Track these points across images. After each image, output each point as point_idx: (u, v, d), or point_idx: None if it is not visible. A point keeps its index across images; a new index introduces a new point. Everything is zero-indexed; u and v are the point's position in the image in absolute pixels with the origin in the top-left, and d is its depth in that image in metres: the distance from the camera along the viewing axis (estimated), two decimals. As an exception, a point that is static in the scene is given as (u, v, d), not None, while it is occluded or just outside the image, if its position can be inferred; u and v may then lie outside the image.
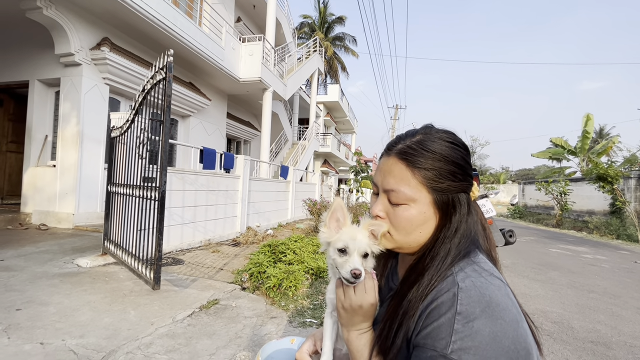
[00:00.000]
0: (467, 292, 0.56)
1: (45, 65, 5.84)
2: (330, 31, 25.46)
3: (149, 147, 3.01)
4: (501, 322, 0.53)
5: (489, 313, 0.53)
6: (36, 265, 3.35)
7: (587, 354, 2.30)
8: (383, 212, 0.69)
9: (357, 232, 0.70)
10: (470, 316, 0.53)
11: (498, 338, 0.51)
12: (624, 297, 3.74)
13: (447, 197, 0.65)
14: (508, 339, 0.52)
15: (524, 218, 17.54)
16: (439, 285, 0.59)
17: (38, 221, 5.62)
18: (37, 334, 2.00)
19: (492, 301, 0.55)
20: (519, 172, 52.98)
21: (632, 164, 14.79)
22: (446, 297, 0.57)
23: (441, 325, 0.54)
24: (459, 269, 0.60)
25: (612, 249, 8.00)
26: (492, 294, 0.56)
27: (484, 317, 0.53)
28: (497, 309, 0.54)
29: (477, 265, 0.61)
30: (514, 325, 0.54)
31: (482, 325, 0.52)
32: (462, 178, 0.66)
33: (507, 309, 0.55)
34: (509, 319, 0.54)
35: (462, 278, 0.58)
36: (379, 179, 0.70)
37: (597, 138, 29.99)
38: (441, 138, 0.67)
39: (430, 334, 0.55)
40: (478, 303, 0.54)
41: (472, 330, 0.52)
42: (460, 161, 0.66)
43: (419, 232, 0.66)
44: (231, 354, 1.95)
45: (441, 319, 0.55)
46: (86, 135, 5.63)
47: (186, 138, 8.55)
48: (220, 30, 8.21)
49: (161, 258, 2.80)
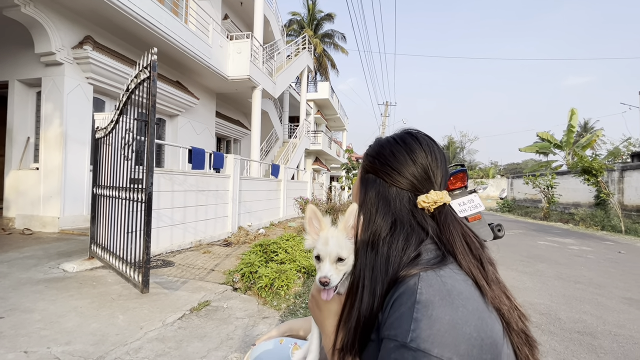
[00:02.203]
0: (427, 281, 0.55)
1: (25, 65, 5.66)
2: (319, 28, 25.34)
3: (134, 147, 2.95)
4: (462, 310, 0.52)
5: (449, 301, 0.53)
6: (20, 272, 3.26)
7: (574, 344, 2.35)
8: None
9: (331, 236, 0.69)
10: (429, 304, 0.53)
11: (458, 325, 0.51)
12: (609, 287, 3.84)
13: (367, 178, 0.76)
14: (469, 326, 0.51)
15: (512, 211, 17.87)
16: (402, 275, 0.59)
17: (22, 225, 5.46)
18: (21, 342, 1.95)
19: (454, 290, 0.55)
20: (508, 166, 53.90)
21: (615, 156, 15.21)
22: (407, 287, 0.57)
23: (402, 315, 0.54)
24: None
25: (598, 240, 8.21)
26: (454, 282, 0.56)
27: (444, 305, 0.52)
28: (458, 297, 0.54)
29: (442, 264, 0.60)
30: (477, 314, 0.53)
31: (441, 313, 0.52)
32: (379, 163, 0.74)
33: (470, 298, 0.55)
34: (471, 308, 0.53)
35: (424, 269, 0.58)
36: None
37: (582, 132, 30.69)
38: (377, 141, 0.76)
39: (392, 324, 0.55)
40: (438, 292, 0.54)
41: (431, 318, 0.51)
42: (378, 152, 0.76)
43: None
44: (223, 356, 1.93)
45: (401, 308, 0.55)
46: (70, 136, 5.49)
47: (174, 138, 8.43)
48: (207, 27, 8.08)
49: (149, 261, 2.76)
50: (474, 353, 0.51)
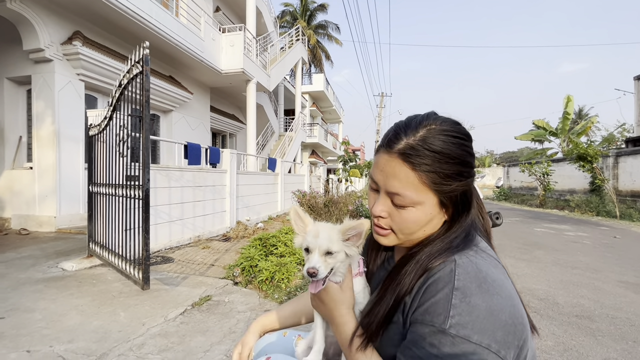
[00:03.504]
0: (464, 268, 0.56)
1: (14, 63, 5.55)
2: (313, 19, 25.02)
3: (129, 144, 2.91)
4: (497, 298, 0.54)
5: (486, 288, 0.54)
6: (18, 272, 3.24)
7: (572, 327, 2.39)
8: (385, 212, 0.66)
9: (322, 230, 0.70)
10: (468, 291, 0.54)
11: (495, 313, 0.52)
12: (605, 272, 3.90)
13: (453, 196, 0.63)
14: (505, 313, 0.53)
15: (509, 200, 18.01)
16: (437, 263, 0.60)
17: (18, 226, 5.42)
18: (23, 342, 1.94)
19: (489, 277, 0.56)
20: (504, 154, 54.19)
21: (609, 142, 15.29)
22: (443, 273, 0.57)
23: (439, 301, 0.55)
24: (458, 250, 0.61)
25: (593, 225, 8.31)
26: (488, 270, 0.57)
27: (481, 293, 0.53)
28: (493, 284, 0.55)
29: (474, 245, 0.62)
30: (510, 300, 0.55)
31: (479, 301, 0.53)
32: (468, 175, 0.63)
33: (503, 285, 0.56)
34: (505, 295, 0.55)
35: (459, 255, 0.59)
36: (381, 179, 0.65)
37: (577, 119, 30.81)
38: (446, 133, 0.61)
39: (428, 310, 0.55)
40: (475, 279, 0.55)
41: (470, 305, 0.52)
42: (467, 158, 0.63)
43: (423, 230, 0.65)
44: (226, 350, 1.94)
45: (439, 294, 0.55)
46: (63, 134, 5.42)
47: (169, 134, 8.35)
48: (199, 20, 7.95)
49: (149, 257, 2.75)
50: (509, 339, 0.52)
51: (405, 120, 0.66)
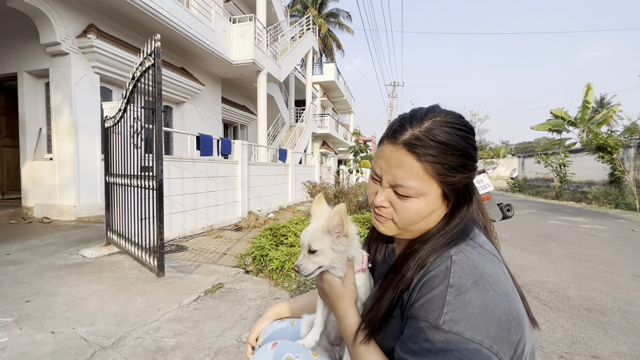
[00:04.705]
0: (460, 265, 0.57)
1: (33, 56, 5.70)
2: (324, 8, 24.61)
3: (143, 135, 2.99)
4: (492, 294, 0.54)
5: (481, 285, 0.55)
6: (42, 258, 3.41)
7: (581, 320, 2.37)
8: (387, 201, 0.67)
9: (307, 229, 0.74)
10: (462, 288, 0.55)
11: (489, 309, 0.53)
12: (620, 265, 3.81)
13: (456, 189, 0.64)
14: (499, 310, 0.54)
15: (523, 191, 17.63)
16: (434, 259, 0.61)
17: (40, 214, 5.66)
18: (48, 324, 2.06)
19: (485, 273, 0.56)
20: (519, 145, 52.75)
21: (632, 132, 14.68)
22: (439, 269, 0.58)
23: (434, 298, 0.56)
24: (454, 244, 0.62)
25: (611, 218, 8.09)
26: (484, 266, 0.58)
27: (476, 289, 0.54)
28: (489, 281, 0.56)
29: (471, 240, 0.63)
30: (505, 297, 0.56)
31: (473, 297, 0.54)
32: (472, 168, 0.65)
33: (499, 281, 0.57)
34: (500, 291, 0.55)
35: (455, 252, 0.60)
36: (385, 169, 0.66)
37: (598, 108, 29.66)
38: (451, 125, 0.62)
39: (423, 306, 0.57)
40: (470, 275, 0.56)
41: (464, 302, 0.53)
42: (471, 151, 0.64)
43: (424, 222, 0.66)
44: (237, 335, 2.01)
45: (434, 291, 0.56)
46: (80, 126, 5.58)
47: (182, 125, 8.47)
48: (209, 11, 7.94)
49: (163, 246, 2.84)
50: (503, 335, 0.53)
51: (410, 112, 0.67)
